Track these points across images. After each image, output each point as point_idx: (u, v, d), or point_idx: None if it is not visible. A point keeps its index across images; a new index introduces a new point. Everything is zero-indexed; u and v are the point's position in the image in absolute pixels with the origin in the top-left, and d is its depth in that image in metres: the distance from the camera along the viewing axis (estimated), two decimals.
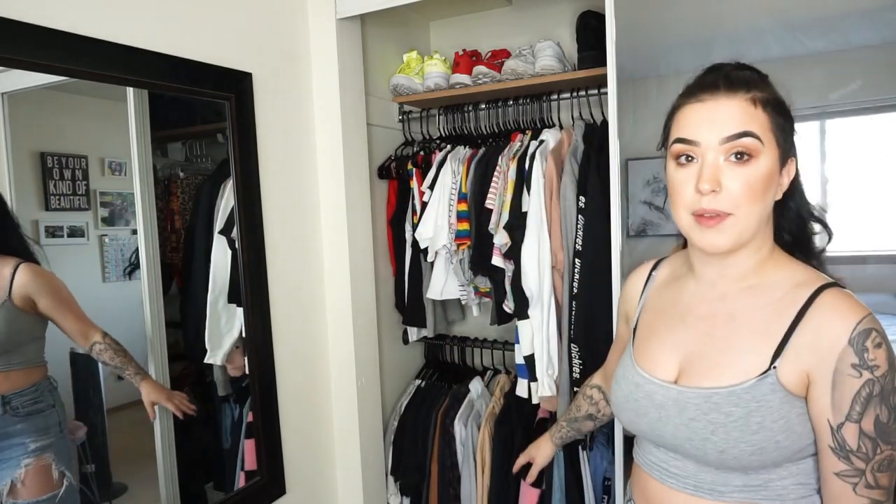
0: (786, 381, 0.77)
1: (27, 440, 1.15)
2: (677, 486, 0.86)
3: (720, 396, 0.79)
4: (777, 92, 0.83)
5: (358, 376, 1.79)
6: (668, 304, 0.94)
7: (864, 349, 0.73)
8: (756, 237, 0.82)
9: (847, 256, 4.06)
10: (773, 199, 0.82)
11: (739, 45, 3.54)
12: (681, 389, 0.84)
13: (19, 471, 1.14)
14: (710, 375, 0.82)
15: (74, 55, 1.14)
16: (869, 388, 0.73)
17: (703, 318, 0.87)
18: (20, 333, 1.16)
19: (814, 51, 3.67)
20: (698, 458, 0.82)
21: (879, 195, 3.95)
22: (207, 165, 1.58)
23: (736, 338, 0.82)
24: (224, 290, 1.54)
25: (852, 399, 0.74)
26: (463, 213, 1.84)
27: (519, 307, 1.74)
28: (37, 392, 1.17)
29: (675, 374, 0.86)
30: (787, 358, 0.77)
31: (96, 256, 1.29)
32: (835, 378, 0.75)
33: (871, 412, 0.73)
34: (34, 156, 1.17)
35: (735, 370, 0.80)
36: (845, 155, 4.05)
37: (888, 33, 3.40)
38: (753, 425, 0.77)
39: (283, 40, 1.65)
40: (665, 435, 0.85)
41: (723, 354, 0.82)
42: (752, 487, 0.81)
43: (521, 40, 2.01)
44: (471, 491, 1.92)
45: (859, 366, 0.73)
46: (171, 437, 1.40)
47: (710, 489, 0.83)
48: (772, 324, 0.80)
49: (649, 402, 0.87)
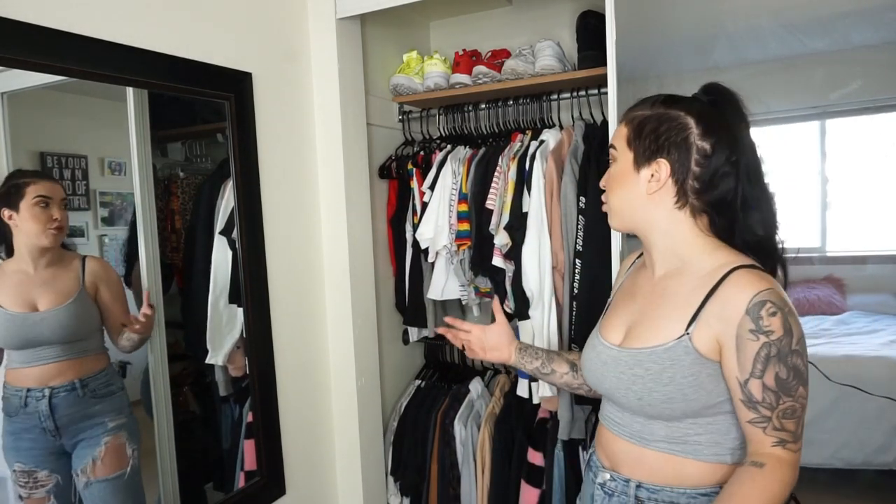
0: (699, 345, 0.93)
1: (106, 419, 1.27)
2: (619, 433, 1.05)
3: (644, 355, 0.98)
4: (646, 109, 1.03)
5: (358, 376, 1.79)
6: (630, 286, 1.14)
7: (759, 317, 0.88)
8: (657, 224, 1.02)
9: (847, 256, 4.07)
10: (635, 194, 1.01)
11: (739, 45, 3.54)
12: (619, 350, 1.03)
13: (99, 448, 1.24)
14: (641, 339, 1.00)
15: (75, 55, 1.14)
16: (766, 349, 0.88)
17: (645, 294, 1.06)
18: (91, 320, 1.26)
19: (814, 51, 3.67)
20: (626, 406, 1.02)
21: (879, 195, 3.96)
22: (207, 165, 1.58)
23: (663, 309, 1.00)
24: (225, 290, 1.54)
25: (753, 359, 0.88)
26: (463, 213, 1.84)
27: (520, 307, 1.74)
28: (108, 375, 1.28)
29: (621, 339, 1.05)
30: (699, 325, 0.94)
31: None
32: (737, 342, 0.90)
33: (770, 370, 0.88)
34: (34, 156, 1.17)
35: (659, 335, 0.97)
36: (845, 155, 4.06)
37: (888, 33, 3.40)
38: (665, 379, 0.95)
39: (283, 40, 1.65)
40: (605, 385, 1.05)
41: (653, 322, 1.00)
42: (672, 439, 0.97)
43: (521, 40, 2.01)
44: (471, 491, 1.92)
45: (756, 331, 0.88)
46: (171, 436, 1.41)
47: (639, 437, 1.01)
48: (691, 297, 0.96)
49: (598, 361, 1.07)
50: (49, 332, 1.19)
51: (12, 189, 1.13)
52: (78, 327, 1.24)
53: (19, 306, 1.17)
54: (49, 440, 1.20)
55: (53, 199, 1.17)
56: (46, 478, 1.19)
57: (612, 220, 1.08)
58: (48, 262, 1.21)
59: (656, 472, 0.99)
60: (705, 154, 0.97)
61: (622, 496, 1.02)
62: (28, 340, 1.18)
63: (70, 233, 1.24)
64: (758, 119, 4.13)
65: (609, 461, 1.07)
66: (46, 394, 1.18)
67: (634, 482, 1.01)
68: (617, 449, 1.05)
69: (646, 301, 1.05)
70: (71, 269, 1.24)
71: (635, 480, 1.01)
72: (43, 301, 1.19)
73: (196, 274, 1.53)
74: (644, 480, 1.00)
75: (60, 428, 1.20)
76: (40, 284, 1.20)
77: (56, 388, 1.19)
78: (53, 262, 1.22)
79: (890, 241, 3.94)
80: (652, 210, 1.01)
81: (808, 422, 2.74)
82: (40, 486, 1.18)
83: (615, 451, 1.05)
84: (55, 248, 1.21)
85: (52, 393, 1.19)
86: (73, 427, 1.22)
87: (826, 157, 4.11)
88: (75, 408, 1.22)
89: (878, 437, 2.75)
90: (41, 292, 1.20)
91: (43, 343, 1.19)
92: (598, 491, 1.07)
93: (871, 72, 3.67)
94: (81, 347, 1.24)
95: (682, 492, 0.97)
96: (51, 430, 1.19)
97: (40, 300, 1.19)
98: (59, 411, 1.20)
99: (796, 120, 4.09)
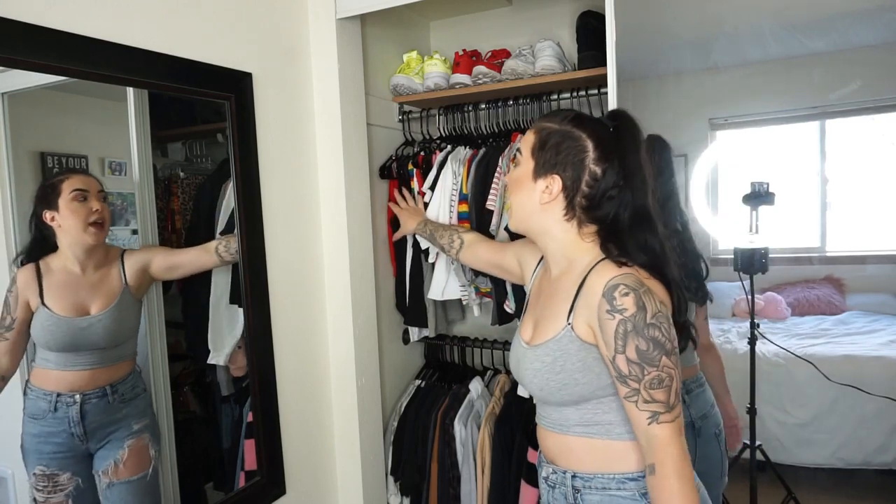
0: (579, 332, 1.03)
1: (132, 422, 1.26)
2: (544, 425, 1.15)
3: (541, 349, 1.08)
4: (560, 128, 1.10)
5: (358, 376, 1.80)
6: (538, 287, 1.23)
7: (612, 298, 0.98)
8: (550, 228, 1.11)
9: (847, 256, 4.07)
10: (534, 199, 1.10)
11: (739, 45, 3.54)
12: (525, 347, 1.13)
13: (122, 451, 1.23)
14: (540, 335, 1.10)
15: (74, 55, 1.14)
16: (623, 326, 0.96)
17: (545, 295, 1.16)
18: (132, 320, 1.27)
19: (814, 51, 3.68)
20: (537, 397, 1.14)
21: (879, 195, 3.96)
22: (207, 165, 1.58)
23: (554, 306, 1.09)
24: (226, 291, 1.54)
25: (613, 336, 0.97)
26: (464, 214, 1.84)
27: (520, 307, 1.74)
28: (134, 378, 1.28)
29: (530, 336, 1.14)
30: (575, 315, 1.04)
31: None
32: (600, 323, 0.99)
33: (630, 343, 0.96)
34: (34, 156, 1.17)
35: (549, 330, 1.08)
36: (845, 155, 4.06)
37: (888, 33, 3.40)
38: (557, 367, 1.05)
39: (283, 40, 1.65)
40: (524, 382, 1.14)
41: (547, 319, 1.10)
42: (585, 421, 1.07)
43: (521, 40, 2.01)
44: (471, 491, 1.92)
45: (611, 310, 0.97)
46: (171, 436, 1.41)
47: (558, 425, 1.10)
48: (569, 291, 1.07)
49: (516, 358, 1.17)
50: (96, 336, 1.18)
51: (48, 189, 1.12)
52: (121, 330, 1.23)
53: (68, 310, 1.15)
54: (76, 444, 1.18)
55: (91, 192, 1.15)
56: (68, 480, 1.17)
57: (510, 221, 1.18)
58: (97, 264, 1.20)
59: (583, 459, 1.08)
60: (595, 177, 1.07)
61: (562, 487, 1.11)
62: (73, 345, 1.16)
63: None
64: (758, 119, 4.15)
65: (547, 454, 1.16)
66: (78, 399, 1.17)
67: (570, 472, 1.09)
68: (549, 442, 1.14)
69: (545, 300, 1.15)
70: (114, 268, 1.23)
71: (570, 471, 1.09)
72: (93, 305, 1.18)
73: (196, 274, 1.53)
74: (577, 470, 1.08)
75: (89, 433, 1.19)
76: (89, 287, 1.18)
77: (87, 395, 1.18)
78: (101, 264, 1.20)
79: (890, 241, 3.94)
80: (544, 217, 1.11)
81: (807, 422, 2.75)
82: (59, 490, 1.16)
83: (548, 444, 1.15)
84: (101, 246, 1.19)
85: (83, 399, 1.17)
86: (101, 431, 1.21)
87: (826, 157, 4.11)
88: (105, 413, 1.21)
89: (877, 437, 2.76)
90: (91, 296, 1.18)
91: (91, 348, 1.18)
92: (543, 484, 1.17)
93: (871, 72, 3.67)
94: (119, 353, 1.24)
95: (612, 477, 1.05)
96: (79, 436, 1.18)
97: (91, 304, 1.18)
98: (89, 417, 1.18)
99: (796, 120, 4.09)
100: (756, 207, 2.41)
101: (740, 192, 2.45)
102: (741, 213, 2.47)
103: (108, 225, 1.19)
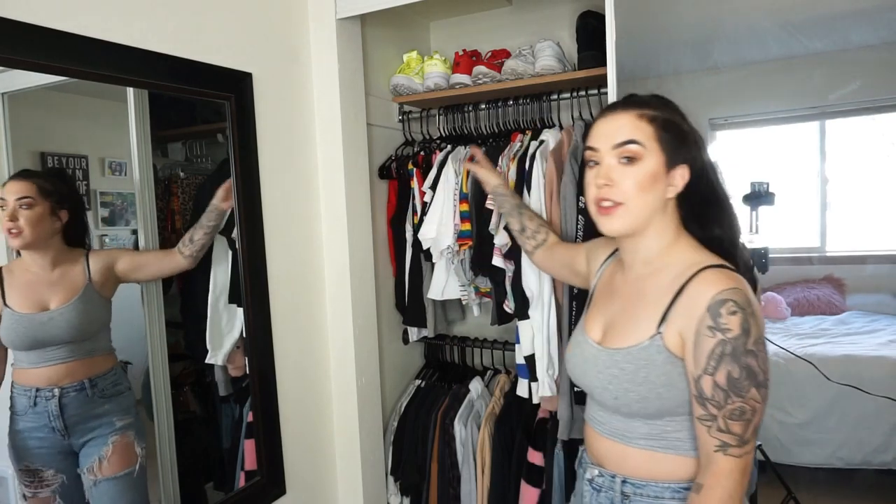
0: (668, 344, 0.96)
1: (114, 418, 1.27)
2: (602, 431, 1.07)
3: (620, 355, 1.00)
4: (674, 115, 1.02)
5: (358, 376, 1.80)
6: (607, 282, 1.16)
7: (718, 314, 0.90)
8: (653, 226, 1.02)
9: (847, 256, 4.07)
10: (661, 196, 1.00)
11: (739, 45, 3.54)
12: (599, 348, 1.05)
13: (106, 447, 1.25)
14: (618, 339, 1.03)
15: (74, 55, 1.14)
16: (721, 347, 0.89)
17: (622, 295, 1.08)
18: (99, 316, 1.27)
19: (814, 51, 3.68)
20: (605, 405, 1.05)
21: (879, 195, 3.96)
22: (207, 165, 1.58)
23: (638, 310, 1.02)
24: (225, 290, 1.54)
25: (708, 355, 0.90)
26: (464, 213, 1.84)
27: (519, 307, 1.74)
28: (115, 375, 1.29)
29: (600, 336, 1.07)
30: (668, 323, 0.96)
31: None
32: (696, 338, 0.92)
33: (723, 368, 0.89)
34: (34, 156, 1.17)
35: (633, 335, 1.00)
36: (845, 155, 4.06)
37: (888, 33, 3.40)
38: (640, 378, 0.97)
39: (283, 40, 1.65)
40: (586, 383, 1.08)
41: (628, 322, 1.03)
42: (653, 436, 1.00)
43: (521, 40, 2.01)
44: (471, 491, 1.92)
45: (713, 328, 0.90)
46: (171, 436, 1.41)
47: (622, 435, 1.03)
48: (662, 297, 0.99)
49: (581, 357, 1.09)
50: (57, 330, 1.19)
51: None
52: (86, 325, 1.24)
53: (28, 307, 1.17)
54: (58, 439, 1.20)
55: (8, 201, 1.13)
56: (52, 477, 1.19)
57: (623, 223, 1.01)
58: (54, 262, 1.21)
59: (640, 467, 1.02)
60: (711, 165, 1.03)
61: (609, 491, 1.05)
62: (38, 341, 1.18)
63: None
64: (758, 119, 4.15)
65: (595, 458, 1.10)
66: (56, 393, 1.19)
67: (620, 477, 1.04)
68: (601, 447, 1.08)
69: (623, 300, 1.07)
70: (77, 266, 1.24)
71: (621, 476, 1.04)
72: (53, 300, 1.20)
73: (196, 274, 1.53)
74: (629, 476, 1.03)
75: (69, 427, 1.21)
76: (49, 284, 1.20)
77: (65, 388, 1.20)
78: (60, 262, 1.22)
79: (889, 241, 3.94)
80: (659, 212, 1.02)
81: (807, 421, 2.75)
82: (45, 486, 1.19)
83: (599, 448, 1.09)
84: (52, 247, 1.20)
85: (61, 393, 1.19)
86: (82, 426, 1.23)
87: (826, 157, 4.11)
88: (84, 407, 1.23)
89: (877, 437, 2.76)
90: (50, 292, 1.20)
91: (52, 343, 1.19)
92: (587, 487, 1.11)
93: (871, 72, 3.67)
94: (90, 347, 1.25)
95: (667, 486, 0.99)
96: (60, 430, 1.20)
97: (51, 300, 1.19)
98: (68, 411, 1.20)
99: (796, 120, 4.09)
100: (756, 207, 2.41)
101: (740, 192, 2.45)
102: (741, 213, 2.46)
103: (32, 232, 1.17)
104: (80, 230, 1.25)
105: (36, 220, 1.17)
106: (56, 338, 1.19)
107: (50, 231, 1.19)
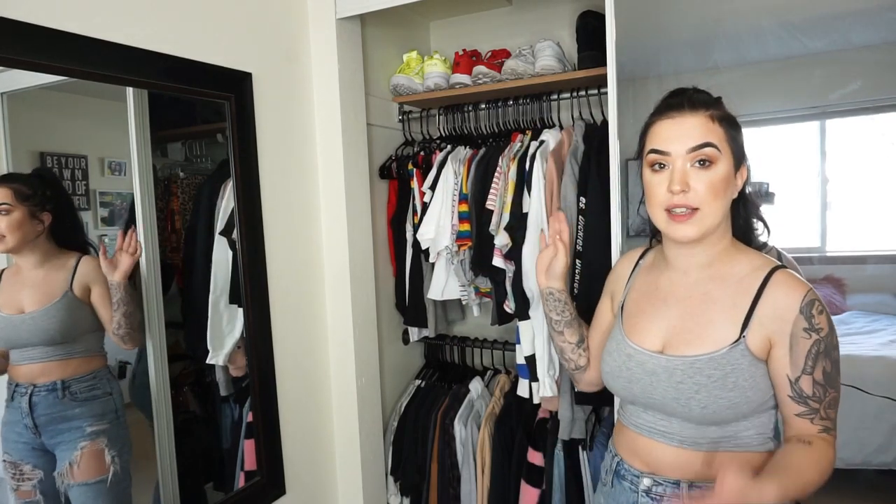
0: (752, 347, 0.95)
1: (84, 424, 1.25)
2: (665, 441, 1.02)
3: (702, 362, 0.97)
4: (728, 110, 1.01)
5: (358, 376, 1.79)
6: (651, 288, 1.10)
7: (811, 315, 0.93)
8: (718, 230, 1.00)
9: (847, 256, 4.07)
10: (731, 198, 1.00)
11: (739, 45, 3.54)
12: (669, 357, 1.00)
13: (76, 453, 1.23)
14: (691, 345, 0.99)
15: (74, 55, 1.14)
16: (817, 346, 0.92)
17: (681, 299, 1.04)
18: (79, 323, 1.25)
19: (814, 51, 3.67)
20: (683, 416, 0.99)
21: (879, 195, 3.95)
22: (207, 165, 1.58)
23: (710, 314, 0.99)
24: (225, 290, 1.54)
25: (805, 356, 0.92)
26: (464, 213, 1.84)
27: (520, 308, 1.74)
28: (95, 379, 1.27)
29: (660, 345, 1.02)
30: (753, 327, 0.96)
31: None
32: (791, 340, 0.93)
33: (819, 365, 0.92)
34: (34, 156, 1.17)
35: (712, 340, 0.97)
36: (845, 155, 4.06)
37: (888, 33, 3.40)
38: (729, 384, 0.95)
39: (283, 40, 1.65)
40: (655, 397, 1.01)
41: (701, 328, 0.99)
42: (724, 439, 0.98)
43: (521, 40, 2.01)
44: (471, 491, 1.92)
45: (809, 329, 0.92)
46: (171, 436, 1.40)
47: (692, 442, 1.00)
48: (738, 301, 0.98)
49: (641, 370, 1.02)
50: (29, 334, 1.19)
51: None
52: (61, 330, 1.22)
53: (8, 307, 1.18)
54: (30, 436, 1.21)
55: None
56: (31, 472, 1.20)
57: (698, 229, 0.96)
58: (36, 264, 1.20)
59: (707, 470, 0.98)
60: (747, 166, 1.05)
61: (673, 498, 1.00)
62: (11, 342, 1.19)
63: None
64: (757, 119, 4.14)
65: (648, 466, 1.04)
66: (28, 391, 1.20)
67: (685, 483, 1.00)
68: (661, 454, 1.02)
69: (685, 305, 1.02)
70: (63, 270, 1.23)
71: (686, 481, 0.99)
72: (28, 303, 1.19)
73: (196, 274, 1.53)
74: (696, 479, 0.99)
75: (39, 426, 1.21)
76: (29, 286, 1.20)
77: (38, 387, 1.20)
78: (44, 264, 1.21)
79: (890, 241, 3.94)
80: (726, 215, 1.01)
81: None
82: (27, 480, 1.20)
83: (658, 457, 1.03)
84: (36, 248, 1.20)
85: (33, 391, 1.20)
86: (51, 427, 1.22)
87: (826, 157, 4.11)
88: (54, 408, 1.22)
89: (877, 437, 2.75)
90: (28, 294, 1.20)
91: (25, 345, 1.20)
92: (644, 498, 1.04)
93: (871, 72, 3.67)
94: (67, 350, 1.24)
95: None
96: (30, 427, 1.20)
97: (26, 302, 1.19)
98: (37, 409, 1.20)
99: (796, 120, 4.09)
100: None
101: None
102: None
103: (12, 237, 1.17)
104: (71, 230, 1.24)
105: (15, 225, 1.16)
106: (28, 340, 1.20)
107: (32, 234, 1.19)
